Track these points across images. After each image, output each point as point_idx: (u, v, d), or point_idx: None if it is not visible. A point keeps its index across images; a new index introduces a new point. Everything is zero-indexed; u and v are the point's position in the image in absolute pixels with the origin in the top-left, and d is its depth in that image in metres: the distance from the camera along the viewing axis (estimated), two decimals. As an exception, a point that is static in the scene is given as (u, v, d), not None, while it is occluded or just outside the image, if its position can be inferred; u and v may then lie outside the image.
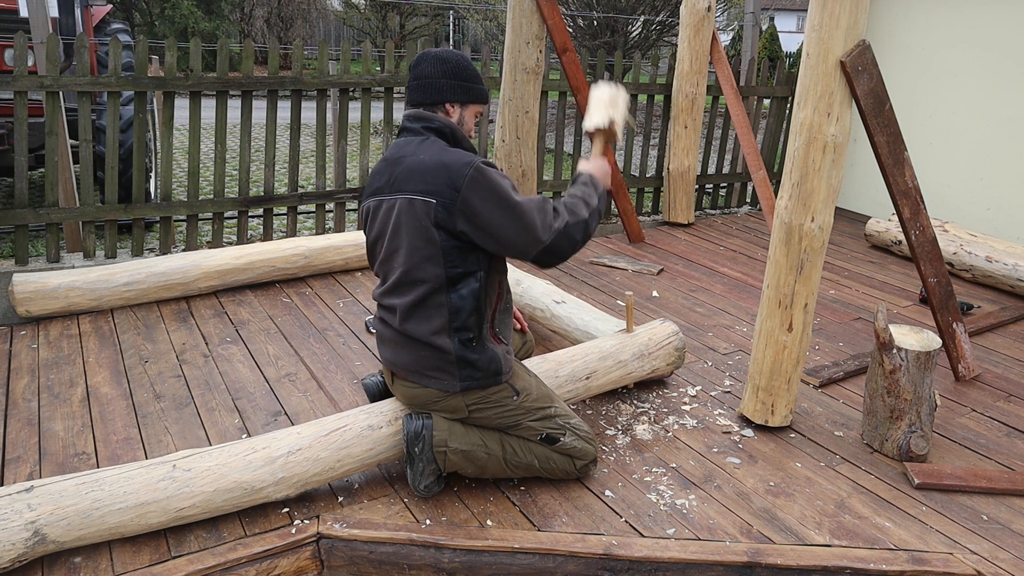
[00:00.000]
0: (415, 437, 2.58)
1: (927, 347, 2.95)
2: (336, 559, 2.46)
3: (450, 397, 2.58)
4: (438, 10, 20.65)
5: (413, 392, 2.63)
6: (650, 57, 9.25)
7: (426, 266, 2.47)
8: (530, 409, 2.65)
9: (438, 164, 2.44)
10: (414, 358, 2.58)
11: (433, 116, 2.56)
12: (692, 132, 5.91)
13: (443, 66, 2.58)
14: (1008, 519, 2.72)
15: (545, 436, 2.66)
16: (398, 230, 2.50)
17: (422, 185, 2.44)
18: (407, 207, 2.46)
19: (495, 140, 5.29)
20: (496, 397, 2.61)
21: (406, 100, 2.67)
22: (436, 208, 2.41)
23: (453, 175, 2.40)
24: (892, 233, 5.65)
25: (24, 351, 3.63)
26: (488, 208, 2.40)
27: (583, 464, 2.75)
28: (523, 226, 2.42)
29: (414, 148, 2.52)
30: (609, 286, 4.76)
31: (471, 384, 2.56)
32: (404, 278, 2.52)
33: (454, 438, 2.59)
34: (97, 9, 6.87)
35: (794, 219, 2.97)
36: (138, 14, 19.06)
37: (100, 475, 2.39)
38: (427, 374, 2.57)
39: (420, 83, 2.59)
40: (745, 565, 2.43)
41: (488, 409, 2.61)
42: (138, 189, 4.77)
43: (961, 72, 5.92)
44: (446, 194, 2.40)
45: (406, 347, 2.58)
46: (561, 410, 2.74)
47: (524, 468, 2.69)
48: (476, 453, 2.61)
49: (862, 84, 2.87)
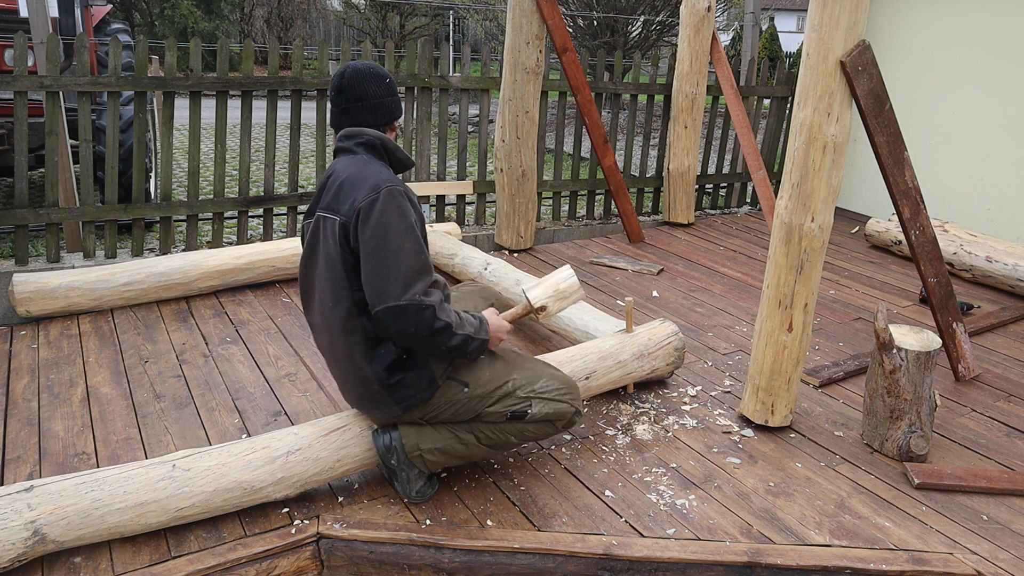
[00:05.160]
0: (387, 451, 2.56)
1: (927, 347, 2.95)
2: (336, 559, 2.46)
3: (399, 416, 2.54)
4: (438, 10, 20.64)
5: (368, 413, 2.61)
6: (650, 57, 9.27)
7: (335, 290, 2.38)
8: (484, 395, 2.53)
9: (352, 182, 2.36)
10: (352, 387, 2.54)
11: (362, 131, 2.48)
12: (692, 132, 5.91)
13: (385, 84, 2.50)
14: (1008, 519, 2.72)
15: (510, 415, 2.56)
16: (313, 250, 2.43)
17: (334, 203, 2.37)
18: (321, 226, 2.40)
19: (495, 140, 5.29)
20: (444, 399, 2.52)
21: (344, 122, 2.50)
22: (338, 226, 2.34)
23: (359, 193, 2.32)
24: (892, 233, 5.65)
25: (24, 351, 3.63)
26: (370, 232, 2.27)
27: (563, 424, 2.65)
28: (387, 270, 2.25)
29: (344, 166, 2.45)
30: (609, 286, 4.76)
31: (410, 403, 2.48)
32: (321, 304, 2.45)
33: (425, 439, 2.55)
34: (97, 9, 6.86)
35: (794, 219, 2.97)
36: (138, 14, 19.06)
37: (100, 475, 2.39)
38: (367, 404, 2.54)
39: (368, 104, 2.47)
40: (745, 565, 2.43)
41: (443, 411, 2.54)
42: (138, 189, 4.76)
43: (961, 72, 5.92)
44: (347, 212, 2.32)
45: (344, 377, 2.54)
46: (521, 380, 2.57)
47: (505, 446, 2.63)
48: (452, 446, 2.57)
49: (862, 84, 2.87)
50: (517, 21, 4.93)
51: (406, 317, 2.25)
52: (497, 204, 5.38)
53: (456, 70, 17.35)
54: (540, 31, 4.97)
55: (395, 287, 2.24)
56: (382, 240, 2.27)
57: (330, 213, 2.38)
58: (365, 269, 2.30)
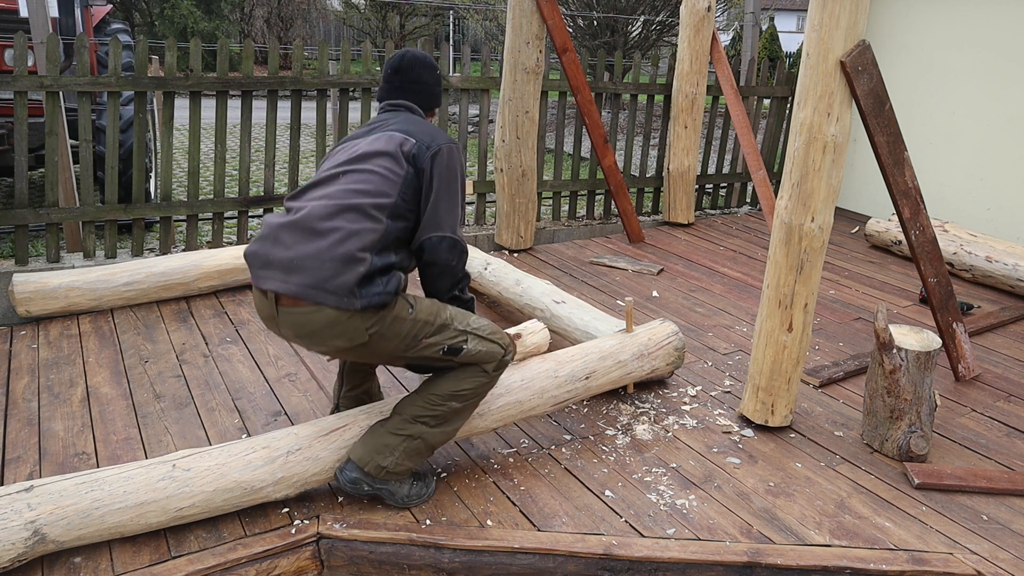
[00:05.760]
0: (355, 484, 2.54)
1: (927, 347, 2.95)
2: (336, 559, 2.46)
3: (349, 319, 2.39)
4: (438, 10, 20.65)
5: (304, 319, 2.40)
6: (650, 57, 9.27)
7: (382, 184, 2.47)
8: (426, 322, 2.50)
9: (423, 124, 2.64)
10: (316, 268, 2.36)
11: (411, 105, 2.75)
12: (692, 132, 5.91)
13: (436, 74, 2.79)
14: (1008, 519, 2.72)
15: (448, 348, 2.52)
16: (372, 148, 2.54)
17: (405, 127, 2.59)
18: (387, 137, 2.56)
19: (495, 140, 5.29)
20: (393, 315, 2.45)
21: (393, 96, 2.76)
22: (414, 145, 2.53)
23: (437, 134, 2.60)
24: (892, 233, 5.65)
25: (24, 351, 3.63)
26: (442, 171, 2.54)
27: (494, 367, 2.62)
28: (449, 209, 2.55)
29: (403, 119, 2.67)
30: (609, 286, 4.76)
31: (371, 300, 2.38)
32: (354, 184, 2.47)
33: (379, 454, 2.52)
34: (97, 9, 6.86)
35: (794, 219, 2.97)
36: (138, 14, 19.07)
37: (100, 475, 2.39)
38: (325, 289, 2.35)
39: (420, 87, 2.75)
40: (745, 565, 2.43)
41: (388, 332, 2.45)
42: (138, 189, 4.76)
43: (961, 72, 5.92)
44: (426, 140, 2.55)
45: (310, 256, 2.38)
46: (457, 314, 2.60)
47: (453, 414, 2.58)
48: (406, 445, 2.54)
49: (862, 84, 2.87)
50: (517, 21, 4.93)
51: (454, 251, 2.55)
52: (497, 204, 5.39)
53: (456, 70, 17.35)
54: (540, 31, 4.97)
55: (450, 223, 2.55)
56: (451, 183, 2.56)
57: (403, 133, 2.57)
58: (432, 199, 2.52)
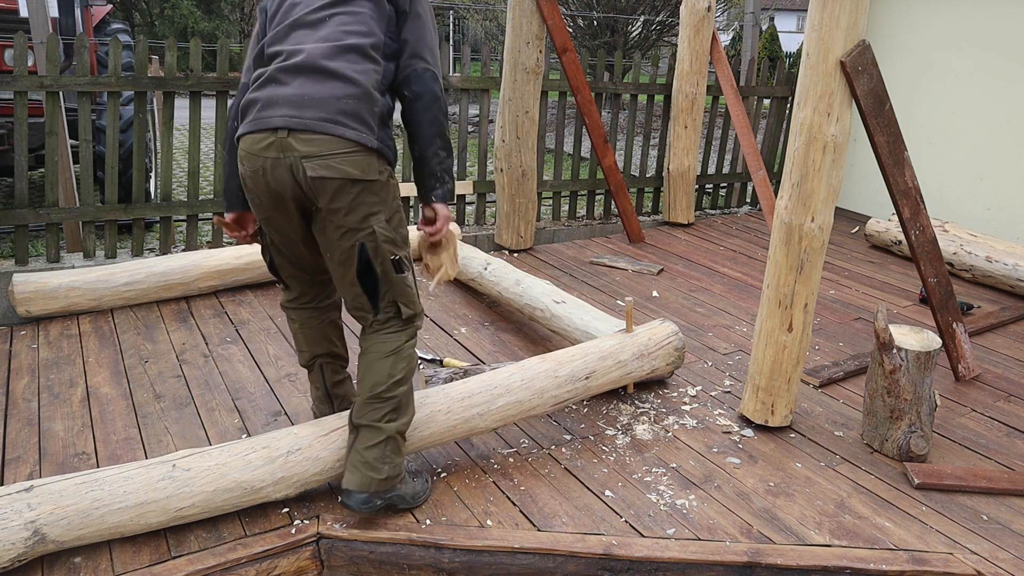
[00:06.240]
0: (367, 503, 2.45)
1: (927, 347, 2.95)
2: (336, 559, 2.46)
3: (361, 152, 2.30)
4: (438, 10, 20.65)
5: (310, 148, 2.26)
6: (650, 57, 9.27)
7: (372, 25, 2.42)
8: (397, 211, 2.47)
9: None
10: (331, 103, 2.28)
11: None
12: (692, 132, 5.91)
13: None
14: (1008, 519, 2.72)
15: (397, 259, 2.46)
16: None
17: None
18: None
19: (495, 140, 5.29)
20: (391, 180, 2.45)
21: None
22: None
23: None
24: (892, 233, 5.65)
25: (24, 351, 3.63)
26: (426, 9, 2.54)
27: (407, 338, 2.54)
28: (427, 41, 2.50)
29: None
30: (609, 286, 4.76)
31: (383, 147, 2.36)
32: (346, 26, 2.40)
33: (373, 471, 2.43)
34: (97, 9, 6.86)
35: (794, 219, 2.97)
36: (138, 14, 19.07)
37: (100, 475, 2.39)
38: (342, 121, 2.27)
39: None
40: (745, 565, 2.43)
41: (383, 186, 2.40)
42: (138, 189, 4.76)
43: (961, 72, 5.92)
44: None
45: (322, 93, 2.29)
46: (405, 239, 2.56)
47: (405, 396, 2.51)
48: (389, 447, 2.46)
49: (862, 84, 2.87)
50: (517, 21, 4.93)
51: (437, 83, 2.50)
52: (497, 204, 5.39)
53: (456, 70, 17.35)
54: (540, 31, 4.97)
55: (431, 57, 2.51)
56: (430, 20, 2.55)
57: None
58: (416, 32, 2.50)
